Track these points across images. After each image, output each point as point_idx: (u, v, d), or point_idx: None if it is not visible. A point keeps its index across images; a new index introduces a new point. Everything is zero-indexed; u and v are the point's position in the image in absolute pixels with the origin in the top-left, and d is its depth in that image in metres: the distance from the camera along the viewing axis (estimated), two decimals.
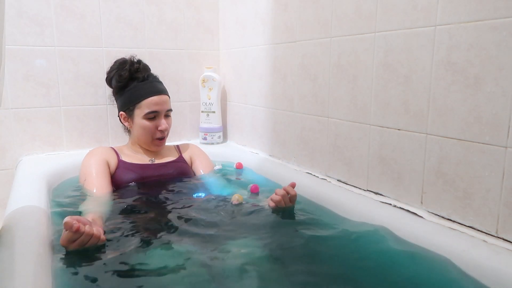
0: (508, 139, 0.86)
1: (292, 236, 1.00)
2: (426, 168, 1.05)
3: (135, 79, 1.36)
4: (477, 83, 0.91)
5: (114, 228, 1.00)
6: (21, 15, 1.60)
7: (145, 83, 1.36)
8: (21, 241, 0.88)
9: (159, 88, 1.37)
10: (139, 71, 1.38)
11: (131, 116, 1.37)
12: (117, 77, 1.37)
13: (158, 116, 1.36)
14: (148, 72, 1.41)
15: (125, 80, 1.36)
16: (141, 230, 1.00)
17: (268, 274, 0.84)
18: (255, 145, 1.82)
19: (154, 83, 1.38)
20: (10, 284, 0.71)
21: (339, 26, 1.28)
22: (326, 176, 1.40)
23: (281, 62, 1.57)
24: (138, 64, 1.40)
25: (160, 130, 1.36)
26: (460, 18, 0.93)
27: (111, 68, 1.43)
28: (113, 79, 1.40)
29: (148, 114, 1.34)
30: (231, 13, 1.92)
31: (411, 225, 1.00)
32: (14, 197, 1.15)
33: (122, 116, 1.40)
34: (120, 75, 1.36)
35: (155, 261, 0.87)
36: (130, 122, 1.39)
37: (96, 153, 1.34)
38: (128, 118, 1.39)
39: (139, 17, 1.82)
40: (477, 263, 0.83)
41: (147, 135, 1.37)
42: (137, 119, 1.36)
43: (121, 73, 1.36)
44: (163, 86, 1.41)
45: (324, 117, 1.38)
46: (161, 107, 1.36)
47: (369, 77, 1.18)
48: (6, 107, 1.61)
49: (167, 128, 1.38)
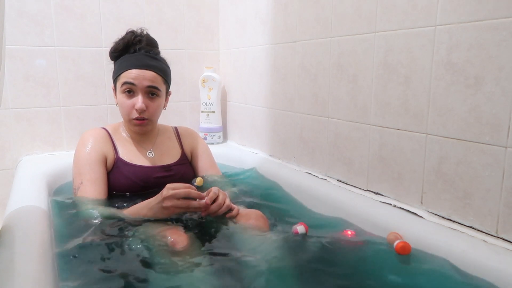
0: (508, 139, 0.86)
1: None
2: (426, 168, 1.05)
3: (128, 51, 1.21)
4: (477, 83, 0.91)
5: (115, 228, 1.00)
6: (21, 15, 1.60)
7: (133, 55, 1.19)
8: (21, 241, 0.87)
9: (144, 62, 1.18)
10: (136, 43, 1.21)
11: (116, 90, 1.22)
12: (112, 48, 1.23)
13: (136, 92, 1.17)
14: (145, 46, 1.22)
15: (119, 51, 1.22)
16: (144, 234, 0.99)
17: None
18: (255, 145, 1.82)
19: (141, 56, 1.19)
20: (10, 284, 0.71)
21: (339, 26, 1.28)
22: (326, 176, 1.40)
23: (281, 62, 1.57)
24: (139, 37, 1.23)
25: (137, 110, 1.16)
26: (460, 18, 0.93)
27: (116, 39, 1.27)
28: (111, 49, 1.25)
29: (124, 85, 1.16)
30: (231, 13, 1.92)
31: (411, 225, 1.00)
32: (14, 197, 1.15)
33: (113, 91, 1.26)
34: (114, 45, 1.22)
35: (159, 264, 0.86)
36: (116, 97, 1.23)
37: (91, 144, 1.18)
38: (114, 91, 1.24)
39: (139, 17, 1.81)
40: (477, 263, 0.83)
41: (124, 112, 1.20)
42: (118, 94, 1.20)
43: (116, 44, 1.22)
44: (156, 63, 1.21)
45: (324, 117, 1.38)
46: (139, 82, 1.16)
47: (369, 77, 1.18)
48: (6, 107, 1.62)
49: (142, 108, 1.16)
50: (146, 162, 1.25)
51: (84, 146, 1.18)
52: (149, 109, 1.18)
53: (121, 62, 1.20)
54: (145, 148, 1.27)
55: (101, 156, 1.18)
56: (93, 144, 1.19)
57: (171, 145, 1.33)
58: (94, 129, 1.25)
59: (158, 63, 1.22)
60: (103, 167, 1.18)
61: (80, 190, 1.12)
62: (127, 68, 1.17)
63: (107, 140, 1.22)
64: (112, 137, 1.24)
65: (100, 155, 1.18)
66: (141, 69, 1.17)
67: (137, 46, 1.21)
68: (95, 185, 1.13)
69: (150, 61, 1.20)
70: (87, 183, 1.12)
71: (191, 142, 1.37)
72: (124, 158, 1.21)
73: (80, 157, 1.17)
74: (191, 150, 1.37)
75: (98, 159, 1.17)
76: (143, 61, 1.18)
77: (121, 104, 1.19)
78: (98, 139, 1.20)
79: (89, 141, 1.19)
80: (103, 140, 1.21)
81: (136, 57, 1.19)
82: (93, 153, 1.17)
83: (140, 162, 1.24)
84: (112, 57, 1.25)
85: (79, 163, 1.16)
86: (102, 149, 1.19)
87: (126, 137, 1.27)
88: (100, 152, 1.18)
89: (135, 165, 1.22)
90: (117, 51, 1.22)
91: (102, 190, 1.15)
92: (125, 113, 1.19)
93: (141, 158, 1.25)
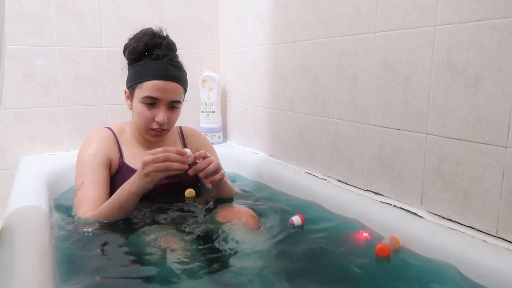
0: (508, 139, 0.86)
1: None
2: (426, 168, 1.05)
3: (149, 55, 1.15)
4: (477, 83, 0.91)
5: (116, 229, 1.00)
6: (21, 15, 1.60)
7: (157, 63, 1.13)
8: (21, 241, 0.88)
9: (170, 73, 1.14)
10: (158, 47, 1.15)
11: (132, 95, 1.17)
12: (131, 49, 1.15)
13: (159, 105, 1.13)
14: (168, 52, 1.17)
15: (138, 54, 1.15)
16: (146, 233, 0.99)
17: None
18: (255, 145, 1.82)
19: (166, 65, 1.14)
20: (10, 284, 0.71)
21: (339, 26, 1.27)
22: (326, 176, 1.40)
23: (281, 62, 1.57)
24: (160, 40, 1.16)
25: (157, 122, 1.13)
26: (460, 18, 0.93)
27: (132, 36, 1.20)
28: (127, 48, 1.18)
29: (146, 98, 1.12)
30: (231, 13, 1.92)
31: (411, 225, 1.00)
32: (14, 197, 1.15)
33: (126, 94, 1.20)
34: (134, 47, 1.14)
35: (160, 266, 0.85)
36: (130, 102, 1.19)
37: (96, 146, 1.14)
38: (130, 97, 1.19)
39: (139, 17, 1.81)
40: (477, 263, 0.83)
41: (142, 122, 1.15)
42: (135, 101, 1.15)
43: (136, 45, 1.14)
44: (180, 73, 1.17)
45: (324, 117, 1.38)
46: (164, 95, 1.12)
47: (369, 77, 1.18)
48: (6, 107, 1.62)
49: (164, 122, 1.13)
50: None
51: (88, 146, 1.15)
52: (169, 121, 1.15)
53: (143, 68, 1.14)
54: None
55: (106, 159, 1.14)
56: (98, 145, 1.15)
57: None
58: (99, 129, 1.21)
59: (181, 73, 1.18)
60: (106, 170, 1.14)
61: (81, 190, 1.08)
62: (152, 77, 1.12)
63: (113, 142, 1.18)
64: (118, 139, 1.20)
65: (104, 157, 1.14)
66: (166, 81, 1.12)
67: (160, 51, 1.15)
68: (97, 186, 1.09)
69: (175, 71, 1.15)
70: (89, 184, 1.09)
71: (195, 144, 1.33)
72: (129, 163, 1.17)
73: (84, 158, 1.13)
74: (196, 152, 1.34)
75: (102, 161, 1.13)
76: (168, 72, 1.14)
77: (139, 114, 1.14)
78: (103, 140, 1.16)
79: (95, 142, 1.15)
80: (109, 143, 1.17)
81: (161, 66, 1.13)
82: (98, 154, 1.13)
83: None
84: (130, 59, 1.18)
85: (82, 164, 1.12)
86: (107, 151, 1.15)
87: (133, 140, 1.23)
88: (105, 155, 1.14)
89: None
90: (136, 53, 1.15)
91: (104, 192, 1.10)
92: (144, 123, 1.15)
93: None
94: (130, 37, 1.19)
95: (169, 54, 1.16)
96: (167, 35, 1.20)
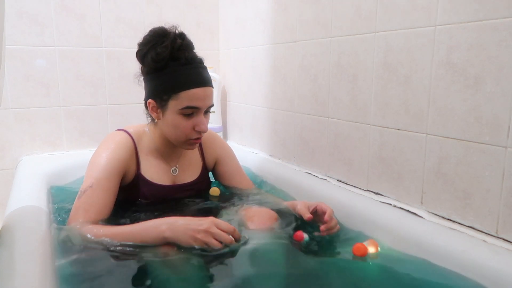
0: (508, 139, 0.86)
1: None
2: (426, 168, 1.05)
3: (176, 59, 1.03)
4: (477, 83, 0.91)
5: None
6: (21, 15, 1.60)
7: (188, 68, 1.03)
8: (21, 241, 0.88)
9: (204, 78, 1.05)
10: (182, 49, 1.04)
11: (164, 107, 1.05)
12: (154, 55, 1.02)
13: (198, 113, 1.05)
14: (193, 53, 1.07)
15: (165, 61, 1.02)
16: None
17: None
18: (255, 145, 1.82)
19: (199, 70, 1.05)
20: (10, 284, 0.71)
21: (339, 26, 1.28)
22: (326, 176, 1.40)
23: (281, 62, 1.57)
24: (181, 40, 1.04)
25: (198, 131, 1.06)
26: (460, 18, 0.93)
27: (146, 40, 1.05)
28: (148, 55, 1.04)
29: (186, 109, 1.03)
30: (231, 13, 1.92)
31: (411, 225, 1.00)
32: (14, 197, 1.15)
33: (151, 105, 1.07)
34: (158, 53, 1.01)
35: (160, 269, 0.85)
36: (159, 113, 1.07)
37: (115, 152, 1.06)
38: (158, 108, 1.07)
39: (139, 17, 1.81)
40: (477, 263, 0.83)
41: (180, 134, 1.06)
42: (169, 113, 1.05)
43: (159, 50, 1.01)
44: (208, 74, 1.08)
45: (324, 117, 1.38)
46: (203, 103, 1.05)
47: (369, 77, 1.18)
48: (6, 107, 1.62)
49: (206, 129, 1.07)
50: (168, 180, 1.15)
51: (106, 150, 1.06)
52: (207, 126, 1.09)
53: (174, 76, 1.03)
54: (170, 165, 1.17)
55: (121, 168, 1.06)
56: (117, 152, 1.06)
57: (193, 159, 1.23)
58: (119, 133, 1.11)
59: (209, 74, 1.10)
60: (118, 179, 1.06)
61: (87, 193, 1.00)
62: (189, 86, 1.02)
63: (131, 151, 1.09)
64: (137, 147, 1.11)
65: (120, 166, 1.06)
66: (205, 87, 1.05)
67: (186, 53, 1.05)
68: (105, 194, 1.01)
69: (206, 74, 1.07)
70: (98, 189, 1.01)
71: (213, 151, 1.27)
72: (146, 176, 1.10)
73: (99, 160, 1.04)
74: (215, 159, 1.27)
75: (118, 169, 1.05)
76: (202, 77, 1.05)
77: (177, 126, 1.05)
78: (123, 148, 1.08)
79: (113, 148, 1.06)
80: (128, 151, 1.08)
81: (194, 72, 1.04)
82: (115, 161, 1.05)
83: (162, 181, 1.13)
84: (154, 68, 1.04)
85: (96, 165, 1.04)
86: (124, 160, 1.07)
87: (152, 149, 1.14)
88: (121, 163, 1.06)
89: (157, 184, 1.12)
90: (162, 60, 1.02)
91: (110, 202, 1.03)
92: (183, 135, 1.07)
93: (163, 176, 1.14)
94: (141, 41, 1.06)
95: (195, 56, 1.08)
96: (181, 32, 1.08)
